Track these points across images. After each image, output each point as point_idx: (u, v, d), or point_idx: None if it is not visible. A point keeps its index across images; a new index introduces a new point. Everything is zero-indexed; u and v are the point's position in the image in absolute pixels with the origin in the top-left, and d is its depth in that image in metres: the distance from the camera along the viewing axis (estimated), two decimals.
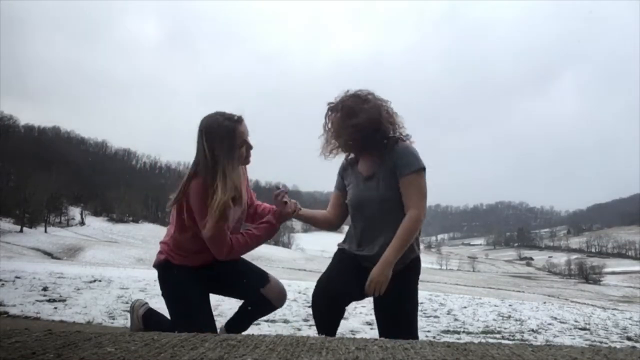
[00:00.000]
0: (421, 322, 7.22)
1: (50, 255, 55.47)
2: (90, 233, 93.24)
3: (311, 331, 4.04)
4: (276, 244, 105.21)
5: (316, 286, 2.23)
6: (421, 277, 2.41)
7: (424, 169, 2.24)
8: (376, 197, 2.25)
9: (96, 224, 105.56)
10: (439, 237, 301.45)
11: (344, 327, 4.66)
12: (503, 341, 5.45)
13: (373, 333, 4.46)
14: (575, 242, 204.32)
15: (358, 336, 4.01)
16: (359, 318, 5.55)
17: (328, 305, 2.17)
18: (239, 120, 2.26)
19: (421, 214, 2.19)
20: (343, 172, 2.48)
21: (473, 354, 0.97)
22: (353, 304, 6.75)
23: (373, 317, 2.58)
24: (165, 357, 0.99)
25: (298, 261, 74.71)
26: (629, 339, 6.22)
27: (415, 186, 2.21)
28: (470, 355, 0.97)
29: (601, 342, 6.11)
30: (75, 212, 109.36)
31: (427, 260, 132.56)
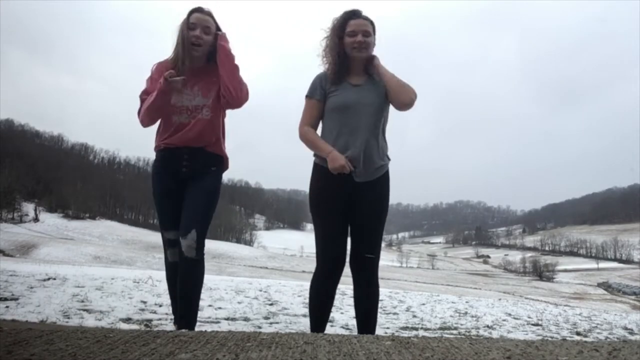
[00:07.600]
0: (380, 319, 7.32)
1: (2, 252, 53.48)
2: (45, 230, 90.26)
3: (271, 329, 4.05)
4: (238, 241, 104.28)
5: (318, 278, 2.42)
6: (382, 274, 2.49)
7: None
8: (363, 102, 2.38)
9: (51, 221, 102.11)
10: (400, 235, 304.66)
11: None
12: (458, 336, 5.58)
13: None
14: (530, 240, 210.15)
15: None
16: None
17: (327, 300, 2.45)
18: (195, 9, 2.48)
19: (415, 100, 2.40)
20: (323, 82, 2.48)
21: (415, 347, 1.02)
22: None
23: None
24: (116, 353, 0.99)
25: (260, 259, 74.32)
26: (578, 333, 6.47)
27: None
28: (412, 348, 1.01)
29: (552, 337, 6.33)
30: (29, 208, 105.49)
31: (387, 258, 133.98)
